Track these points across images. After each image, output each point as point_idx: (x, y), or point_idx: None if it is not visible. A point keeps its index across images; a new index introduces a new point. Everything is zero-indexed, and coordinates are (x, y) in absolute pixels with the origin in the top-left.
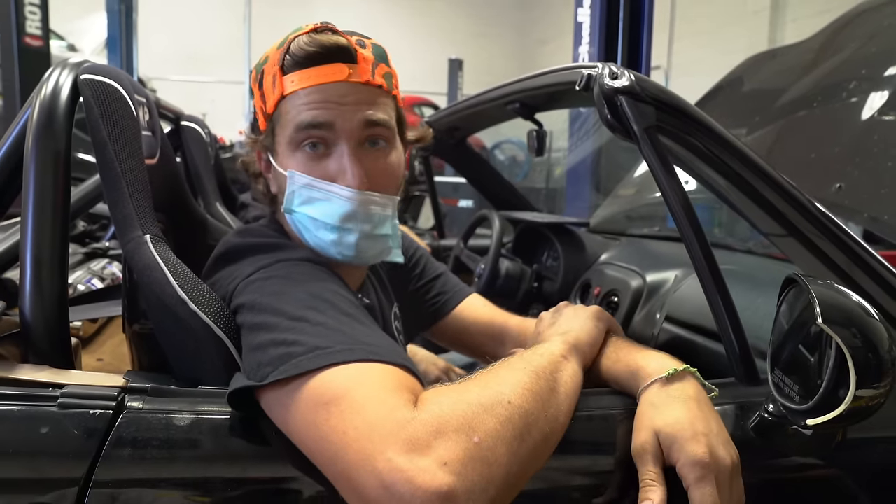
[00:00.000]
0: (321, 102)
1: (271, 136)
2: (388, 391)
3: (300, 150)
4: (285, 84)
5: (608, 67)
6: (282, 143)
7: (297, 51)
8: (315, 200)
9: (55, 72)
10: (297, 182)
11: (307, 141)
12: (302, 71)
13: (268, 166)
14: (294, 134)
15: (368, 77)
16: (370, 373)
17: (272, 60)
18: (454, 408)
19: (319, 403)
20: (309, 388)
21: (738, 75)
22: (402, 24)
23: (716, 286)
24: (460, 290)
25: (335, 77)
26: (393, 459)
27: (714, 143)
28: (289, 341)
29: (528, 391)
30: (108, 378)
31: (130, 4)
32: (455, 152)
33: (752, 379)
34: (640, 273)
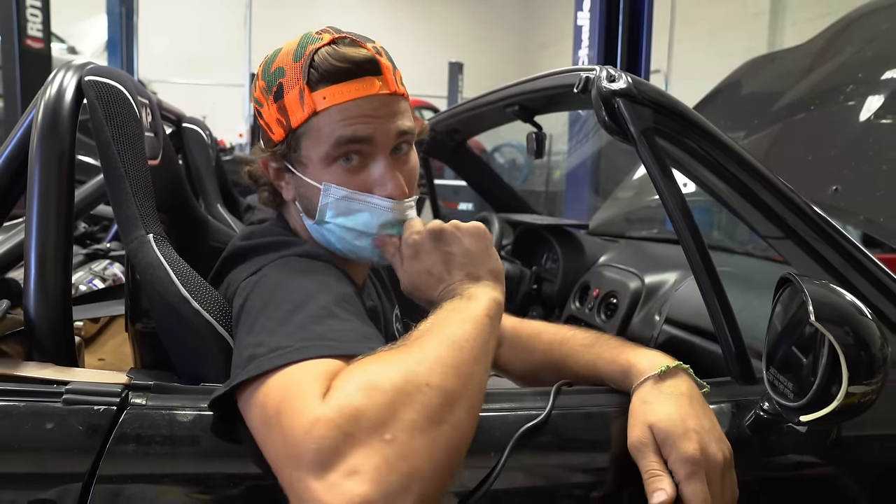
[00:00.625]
0: (359, 117)
1: (295, 149)
2: (306, 388)
3: (335, 164)
4: (316, 101)
5: (606, 70)
6: (313, 157)
7: (325, 65)
8: (353, 212)
9: (59, 73)
10: (334, 195)
11: (343, 156)
12: (334, 86)
13: (279, 174)
14: (332, 150)
15: (395, 87)
16: (314, 369)
17: (292, 74)
18: (365, 398)
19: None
20: (261, 390)
21: (737, 79)
22: (403, 27)
23: (713, 287)
24: None
25: (367, 91)
26: (303, 479)
27: (711, 146)
28: (257, 343)
29: (449, 368)
30: (112, 375)
31: (131, 7)
32: (455, 155)
33: (747, 378)
34: (638, 275)
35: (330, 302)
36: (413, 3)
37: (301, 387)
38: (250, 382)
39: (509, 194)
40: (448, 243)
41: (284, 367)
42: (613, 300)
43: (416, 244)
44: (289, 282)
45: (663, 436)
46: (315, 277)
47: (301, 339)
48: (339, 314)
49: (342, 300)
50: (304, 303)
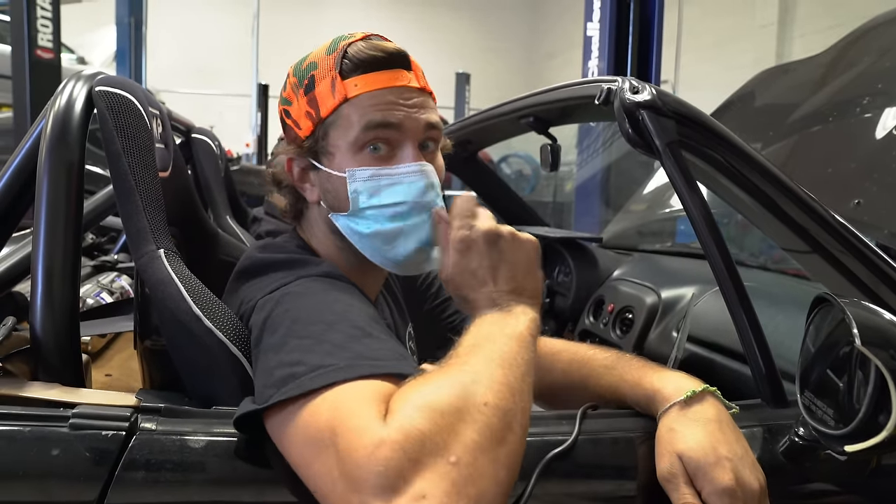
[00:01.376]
0: (390, 104)
1: (322, 140)
2: (362, 410)
3: (362, 152)
4: (348, 88)
5: (628, 81)
6: (341, 146)
7: (360, 54)
8: (384, 188)
9: (69, 83)
10: (360, 177)
11: (371, 143)
12: (367, 75)
13: (303, 175)
14: (361, 134)
15: (424, 83)
16: (364, 390)
17: (324, 66)
18: (427, 420)
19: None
20: (304, 411)
21: (750, 90)
22: (411, 38)
23: (741, 305)
24: None
25: (399, 81)
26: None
27: (736, 158)
28: (293, 361)
29: (504, 386)
30: (120, 397)
31: (140, 18)
32: (466, 166)
33: (779, 400)
34: (654, 290)
35: (362, 321)
36: (420, 14)
37: (355, 407)
38: (288, 402)
39: (520, 206)
40: (502, 251)
41: (330, 387)
42: (629, 315)
43: (469, 241)
44: (316, 300)
45: (694, 465)
46: (341, 297)
47: (343, 357)
48: (373, 333)
49: (372, 320)
50: (337, 322)
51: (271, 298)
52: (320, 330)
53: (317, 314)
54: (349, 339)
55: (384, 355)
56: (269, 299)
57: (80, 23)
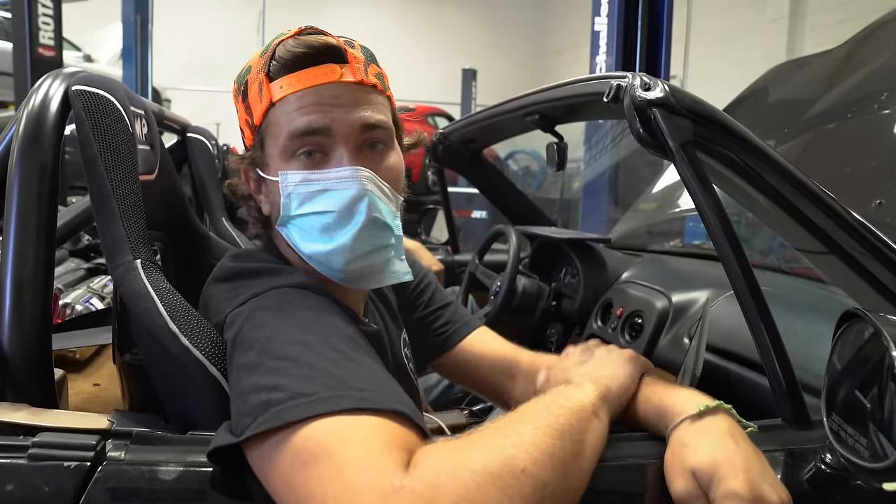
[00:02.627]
0: (314, 106)
1: (260, 149)
2: (375, 451)
3: (294, 159)
4: (273, 90)
5: (639, 77)
6: (273, 154)
7: (284, 54)
8: (314, 196)
9: (46, 81)
10: (291, 181)
11: (302, 150)
12: (291, 75)
13: (258, 186)
14: (287, 142)
15: (362, 76)
16: (357, 426)
17: (256, 68)
18: (453, 476)
19: (298, 462)
20: (289, 443)
21: (763, 85)
22: (417, 35)
23: (760, 315)
24: (469, 322)
25: (327, 78)
26: None
27: (754, 158)
28: (269, 386)
29: (546, 455)
30: (91, 419)
31: (146, 15)
32: (470, 165)
33: (802, 421)
34: (665, 293)
35: (342, 343)
36: (426, 11)
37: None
38: (269, 434)
39: (526, 206)
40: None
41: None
42: (638, 320)
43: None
44: (292, 316)
45: (708, 479)
46: (318, 314)
47: (326, 385)
48: (355, 357)
49: (352, 340)
50: (316, 343)
51: (241, 312)
52: (298, 351)
53: (293, 332)
54: (330, 363)
55: (370, 385)
56: (239, 313)
57: (86, 20)
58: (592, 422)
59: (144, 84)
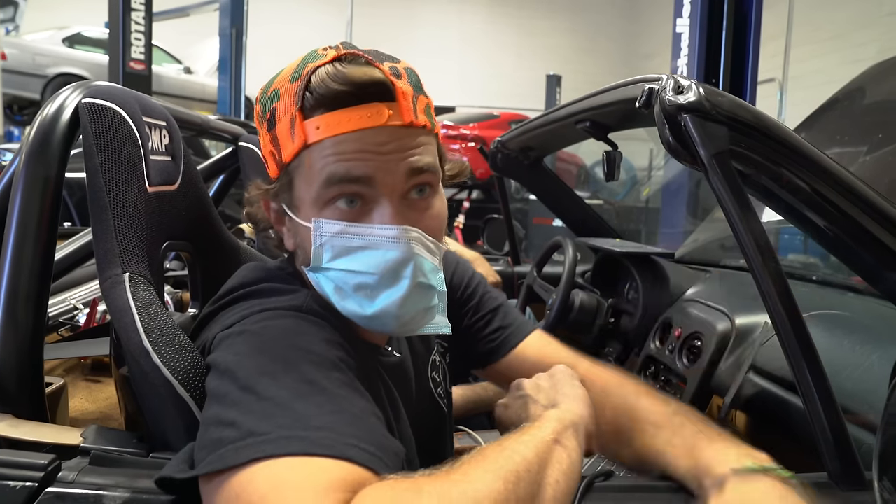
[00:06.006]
0: (357, 153)
1: (288, 187)
2: (309, 498)
3: (330, 206)
4: (308, 131)
5: (673, 80)
6: (305, 198)
7: (321, 87)
8: (353, 252)
9: (63, 93)
10: (327, 231)
11: (341, 197)
12: (331, 114)
13: (280, 218)
14: (322, 190)
15: (411, 118)
16: (299, 471)
17: (286, 97)
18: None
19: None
20: (230, 486)
21: (859, 85)
22: (506, 41)
23: (802, 353)
24: (522, 326)
25: (372, 122)
26: None
27: (807, 171)
28: (227, 421)
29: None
30: (66, 434)
31: (241, 28)
32: (530, 173)
33: (852, 480)
34: (728, 315)
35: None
36: (515, 17)
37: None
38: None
39: (591, 216)
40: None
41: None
42: (697, 343)
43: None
44: (273, 344)
45: None
46: (296, 341)
47: (281, 424)
48: (326, 387)
49: (331, 367)
50: (282, 373)
51: (228, 335)
52: (263, 384)
53: (266, 362)
54: (294, 397)
55: (332, 422)
56: (225, 336)
57: (187, 35)
58: (555, 451)
59: (238, 93)
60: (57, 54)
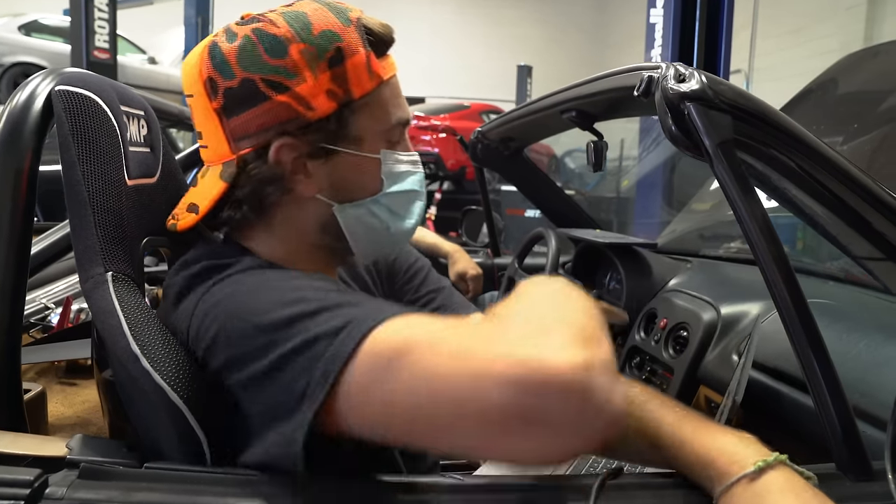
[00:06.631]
0: (401, 95)
1: (341, 124)
2: (447, 325)
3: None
4: (383, 69)
5: (673, 68)
6: (374, 130)
7: (382, 32)
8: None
9: (33, 81)
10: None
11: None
12: (385, 58)
13: (299, 164)
14: (395, 127)
15: None
16: (414, 320)
17: (351, 38)
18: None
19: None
20: (360, 367)
21: (832, 76)
22: (475, 31)
23: (809, 344)
24: (462, 306)
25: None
26: (513, 353)
27: (805, 158)
28: (302, 344)
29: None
30: (50, 446)
31: (207, 17)
32: (510, 164)
33: (860, 470)
34: (713, 304)
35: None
36: (484, 7)
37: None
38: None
39: (570, 207)
40: None
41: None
42: (684, 333)
43: None
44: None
45: None
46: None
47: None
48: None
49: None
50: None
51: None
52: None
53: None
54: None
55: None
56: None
57: (151, 24)
58: None
59: None
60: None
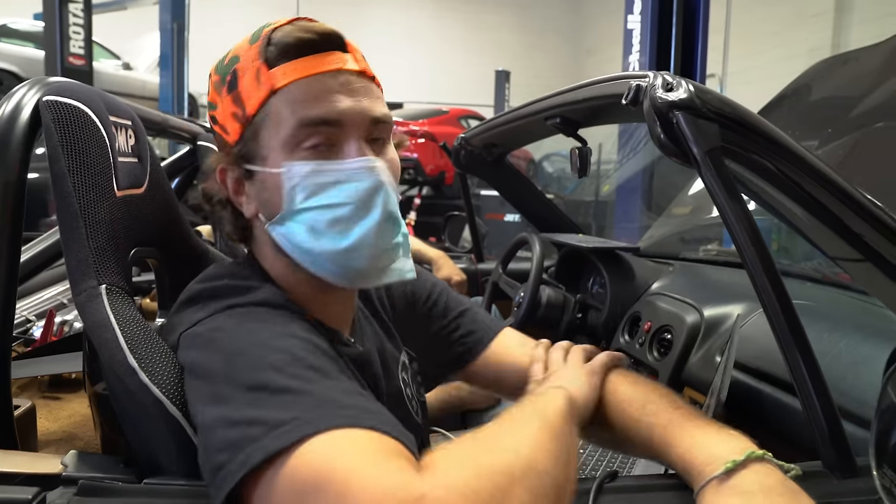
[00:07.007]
0: (325, 95)
1: (252, 142)
2: (378, 462)
3: (299, 150)
4: (275, 77)
5: (661, 77)
6: (274, 146)
7: (286, 38)
8: (326, 188)
9: (19, 91)
10: (298, 172)
11: (309, 141)
12: (296, 61)
13: (239, 186)
14: (295, 131)
15: (364, 66)
16: (349, 441)
17: (248, 56)
18: (479, 478)
19: (294, 494)
20: (279, 479)
21: (805, 82)
22: (453, 36)
23: (796, 345)
24: (492, 325)
25: (335, 65)
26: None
27: (788, 164)
28: (245, 420)
29: (553, 456)
30: (44, 463)
31: (182, 23)
32: (493, 170)
33: (846, 468)
34: (696, 307)
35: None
36: (462, 12)
37: (362, 457)
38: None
39: (553, 212)
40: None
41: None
42: (668, 335)
43: None
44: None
45: None
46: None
47: (306, 407)
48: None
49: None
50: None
51: (194, 335)
52: (268, 377)
53: (259, 355)
54: (306, 382)
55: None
56: (194, 334)
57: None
58: (570, 425)
59: (181, 90)
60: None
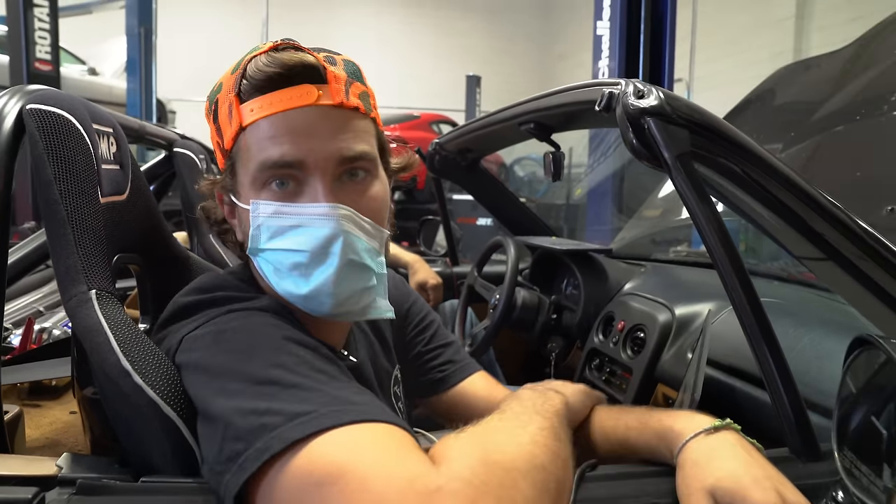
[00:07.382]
0: (287, 135)
1: (231, 174)
2: (395, 455)
3: (266, 189)
4: (243, 113)
5: (632, 84)
6: (244, 182)
7: (255, 73)
8: (286, 231)
9: (1, 99)
10: (263, 212)
11: (274, 180)
12: (263, 97)
13: (231, 211)
14: (258, 173)
15: (342, 98)
16: (367, 435)
17: (227, 87)
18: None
19: (310, 484)
20: (295, 467)
21: (769, 87)
22: (423, 41)
23: (765, 342)
24: (469, 364)
25: (302, 101)
26: None
27: (754, 168)
28: (259, 410)
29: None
30: (39, 465)
31: (149, 27)
32: (467, 175)
33: (811, 453)
34: (668, 306)
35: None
36: (432, 17)
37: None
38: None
39: (526, 216)
40: None
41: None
42: (641, 334)
43: None
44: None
45: (729, 496)
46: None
47: (322, 402)
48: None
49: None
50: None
51: (197, 337)
52: (278, 374)
53: (267, 354)
54: (316, 382)
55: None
56: (197, 336)
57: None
58: (566, 427)
59: (149, 96)
60: None
